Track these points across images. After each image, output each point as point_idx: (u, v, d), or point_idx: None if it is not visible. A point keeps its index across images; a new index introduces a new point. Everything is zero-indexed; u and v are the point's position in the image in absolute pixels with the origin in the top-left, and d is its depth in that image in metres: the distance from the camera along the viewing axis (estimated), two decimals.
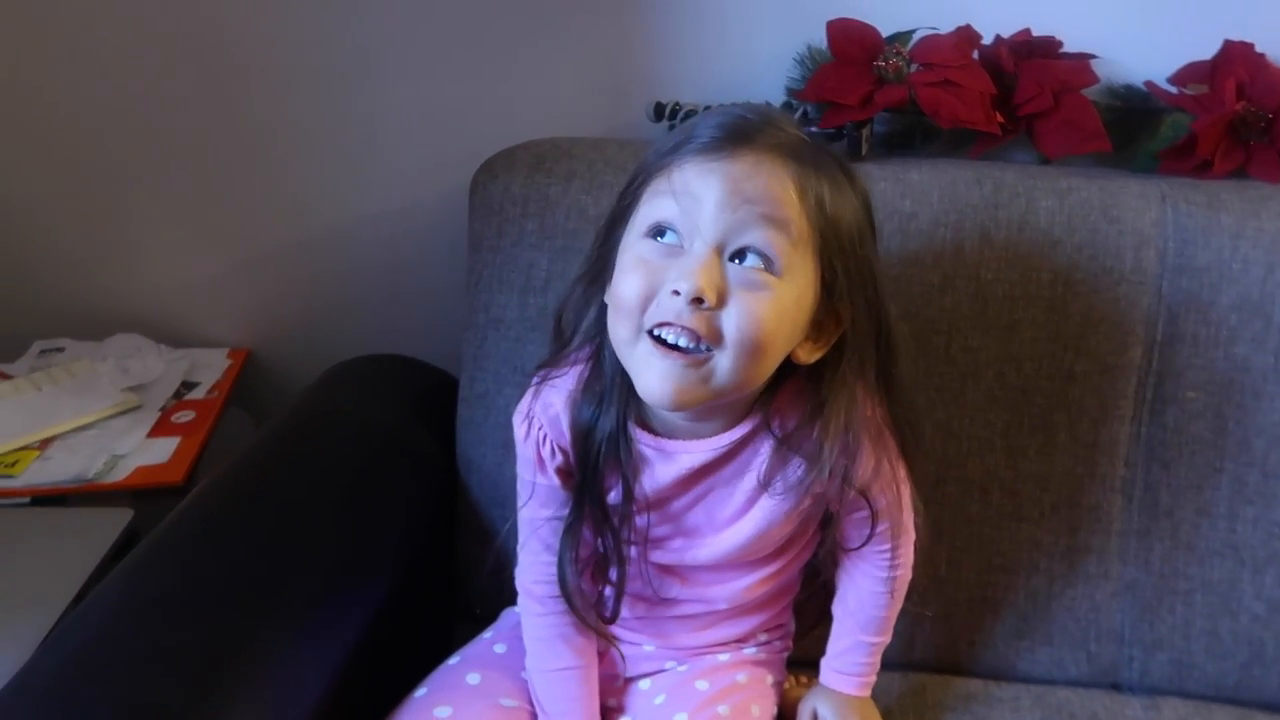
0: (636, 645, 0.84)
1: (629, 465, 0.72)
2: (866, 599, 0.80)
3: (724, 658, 0.83)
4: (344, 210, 1.16)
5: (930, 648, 0.95)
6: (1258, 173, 0.91)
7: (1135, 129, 0.96)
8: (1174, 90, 0.96)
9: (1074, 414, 0.90)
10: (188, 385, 1.16)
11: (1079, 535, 0.92)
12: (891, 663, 0.93)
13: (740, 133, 0.64)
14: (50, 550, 0.90)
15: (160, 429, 1.07)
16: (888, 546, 0.78)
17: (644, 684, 0.83)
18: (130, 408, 1.10)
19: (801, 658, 0.88)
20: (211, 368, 1.19)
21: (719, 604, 0.81)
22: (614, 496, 0.74)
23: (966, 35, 0.96)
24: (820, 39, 0.97)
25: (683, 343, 0.62)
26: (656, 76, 1.05)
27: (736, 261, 0.63)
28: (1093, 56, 0.96)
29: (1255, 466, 0.89)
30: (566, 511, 0.75)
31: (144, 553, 0.79)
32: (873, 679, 0.83)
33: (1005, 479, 0.91)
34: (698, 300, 0.61)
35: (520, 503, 0.79)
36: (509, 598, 0.91)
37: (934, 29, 0.97)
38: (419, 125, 1.10)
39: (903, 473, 0.75)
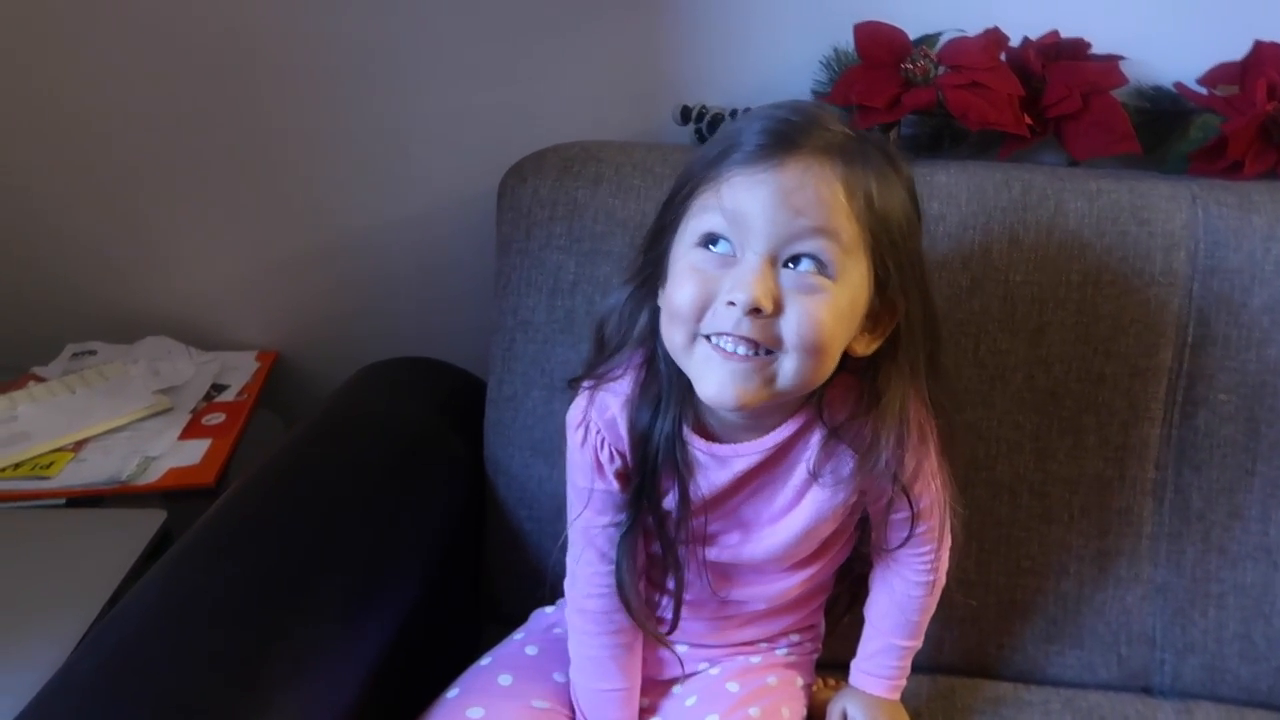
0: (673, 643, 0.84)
1: (685, 468, 0.73)
2: (902, 602, 0.80)
3: (755, 660, 0.83)
4: (372, 214, 1.17)
5: (959, 651, 0.94)
6: None
7: (1165, 130, 0.96)
8: (1204, 91, 0.95)
9: (1104, 416, 0.89)
10: (217, 388, 1.17)
11: (1109, 538, 0.91)
12: (920, 665, 0.92)
13: (786, 138, 0.63)
14: (86, 551, 0.91)
15: (191, 431, 1.09)
16: (927, 549, 0.78)
17: (676, 687, 0.84)
18: (162, 410, 1.11)
19: (830, 660, 0.88)
20: (240, 370, 1.20)
21: (759, 604, 0.81)
22: (669, 500, 0.74)
23: (994, 37, 0.96)
24: (847, 41, 0.97)
25: (741, 351, 0.63)
26: (683, 80, 1.05)
27: (790, 266, 0.63)
28: (1121, 58, 0.96)
29: None
30: (623, 517, 0.75)
31: (179, 553, 0.80)
32: (903, 682, 0.83)
33: (1034, 481, 0.91)
34: (755, 310, 0.62)
35: (573, 513, 0.78)
36: (537, 598, 0.92)
37: (961, 31, 0.97)
38: (448, 129, 1.11)
39: (945, 475, 0.75)
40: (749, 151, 0.63)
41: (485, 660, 0.85)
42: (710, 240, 0.65)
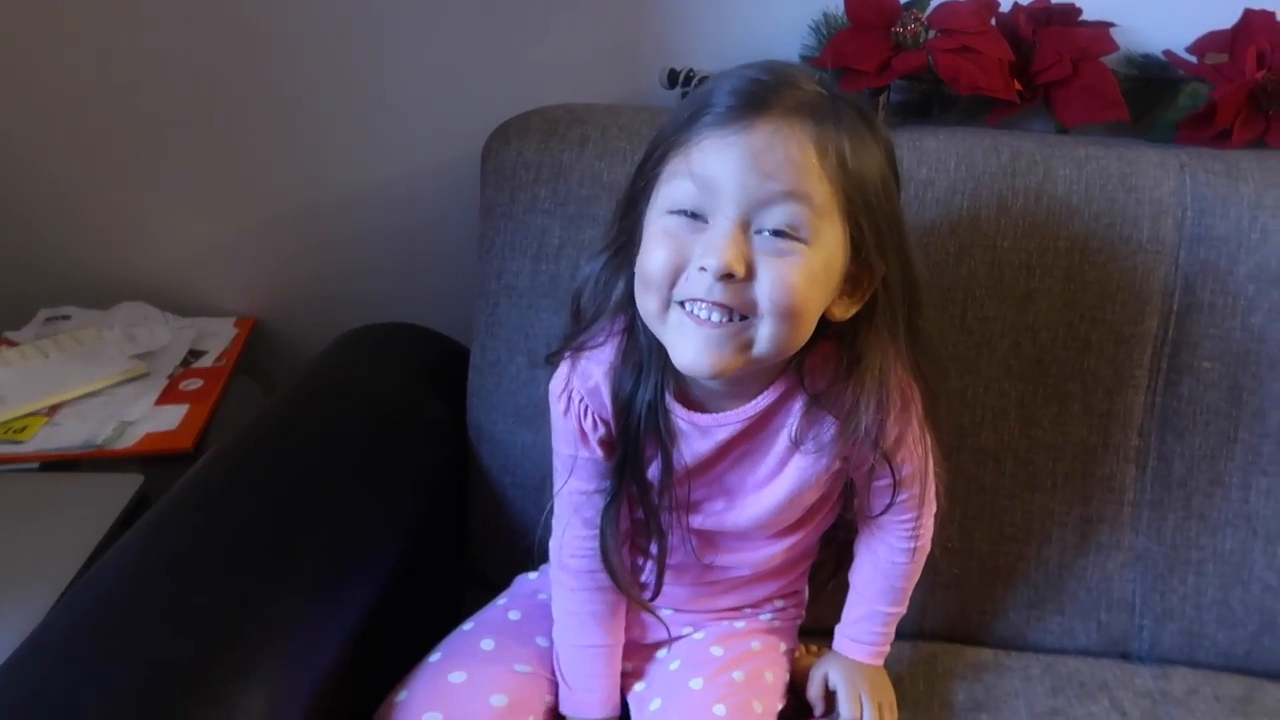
0: (658, 608, 0.84)
1: (668, 436, 0.72)
2: (886, 569, 0.80)
3: (739, 625, 0.84)
4: (353, 178, 1.15)
5: (941, 617, 0.95)
6: (1277, 142, 0.91)
7: (1154, 98, 0.95)
8: (1193, 59, 0.95)
9: (1088, 384, 0.90)
10: (195, 354, 1.15)
11: (1092, 505, 0.92)
12: (903, 632, 0.92)
13: (756, 99, 0.62)
14: (60, 516, 0.89)
15: (168, 396, 1.07)
16: (910, 516, 0.78)
17: (660, 652, 0.84)
18: (138, 375, 1.10)
19: (814, 626, 0.89)
20: (219, 336, 1.18)
21: (743, 570, 0.81)
22: (653, 469, 0.74)
23: (985, 2, 0.95)
24: (837, 5, 0.96)
25: (715, 317, 0.62)
26: (670, 43, 1.04)
27: (763, 232, 0.62)
28: (1112, 25, 0.95)
29: (1270, 437, 0.89)
30: (607, 484, 0.75)
31: (156, 516, 0.79)
32: (886, 649, 0.84)
33: (1019, 449, 0.91)
34: (727, 275, 0.61)
35: (558, 480, 0.78)
36: (520, 563, 0.91)
37: None
38: (431, 91, 1.09)
39: (929, 442, 0.75)
40: (718, 114, 0.62)
41: (467, 625, 0.84)
42: (683, 212, 0.63)
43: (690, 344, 0.63)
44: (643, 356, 0.72)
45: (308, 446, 0.89)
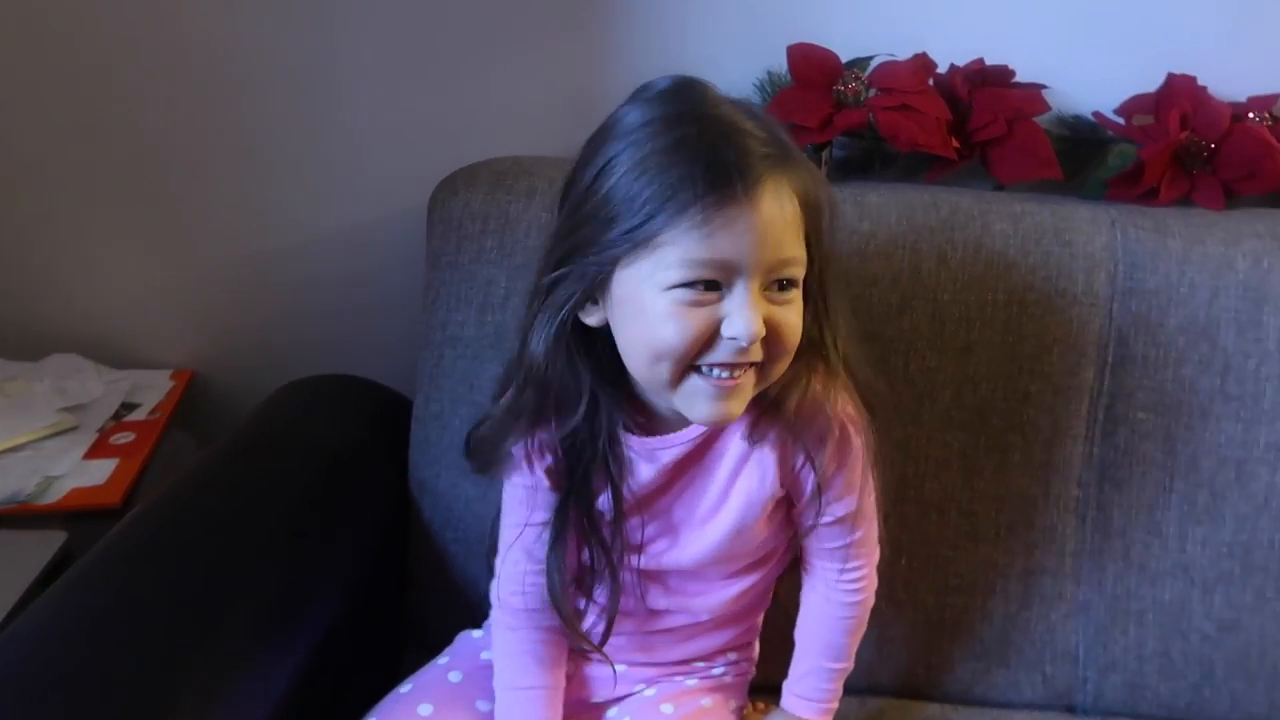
0: (605, 664, 0.82)
1: (616, 467, 0.71)
2: (830, 623, 0.80)
3: (691, 682, 0.82)
4: (297, 227, 1.13)
5: (889, 672, 0.94)
6: (1202, 200, 0.94)
7: (1085, 157, 0.98)
8: (1121, 121, 0.99)
9: (1029, 435, 0.91)
10: (128, 406, 1.12)
11: (1034, 556, 0.92)
12: (851, 687, 0.91)
13: (745, 170, 0.61)
14: None
15: (98, 450, 1.04)
16: (854, 565, 0.78)
17: (610, 711, 0.82)
18: (66, 428, 1.06)
19: (763, 682, 0.87)
20: (154, 389, 1.15)
21: (701, 615, 0.80)
22: (603, 501, 0.73)
23: (923, 63, 0.98)
24: (780, 64, 0.98)
25: (744, 377, 0.64)
26: (617, 97, 1.03)
27: (770, 288, 0.64)
28: (1044, 86, 0.98)
29: (1204, 487, 0.90)
30: (552, 517, 0.73)
31: (77, 575, 0.75)
32: (835, 705, 0.82)
33: (962, 499, 0.92)
34: (754, 342, 0.62)
35: (505, 516, 0.77)
36: (461, 621, 0.89)
37: (891, 55, 0.98)
38: (379, 141, 1.09)
39: (870, 483, 0.75)
40: (719, 196, 0.60)
41: (405, 687, 0.81)
42: (695, 283, 0.62)
43: (711, 404, 0.64)
44: (581, 401, 0.70)
45: (241, 501, 0.86)
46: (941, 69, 0.99)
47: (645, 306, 0.63)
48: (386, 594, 0.97)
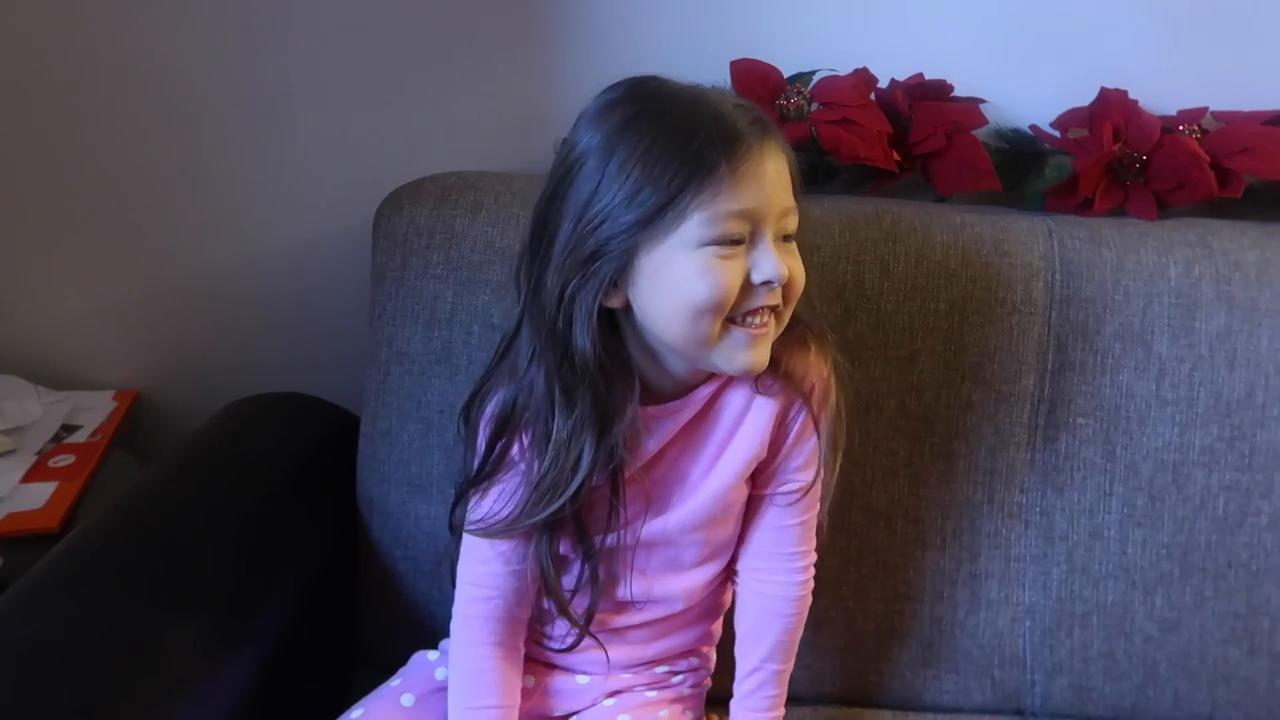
0: (569, 675, 0.83)
1: (625, 447, 0.72)
2: (779, 623, 0.80)
3: (651, 694, 0.82)
4: (242, 244, 1.12)
5: (838, 680, 0.95)
6: (1135, 210, 0.96)
7: (1022, 169, 1.01)
8: (1056, 134, 1.01)
9: (972, 442, 0.92)
10: (68, 428, 1.10)
11: (980, 561, 0.94)
12: (801, 697, 0.93)
13: (758, 126, 0.68)
14: None
15: (36, 474, 1.01)
16: (803, 550, 0.80)
17: None
18: (3, 452, 1.04)
19: (715, 694, 0.87)
20: (95, 410, 1.13)
21: (676, 603, 0.80)
22: (597, 479, 0.73)
23: (864, 78, 0.99)
24: (724, 78, 0.99)
25: (757, 321, 0.69)
26: (564, 114, 1.03)
27: (780, 238, 0.70)
28: (982, 100, 1.00)
29: (1143, 490, 0.92)
30: (539, 503, 0.73)
31: (10, 601, 0.74)
32: (782, 710, 0.83)
33: (909, 507, 0.93)
34: (775, 284, 0.68)
35: (473, 512, 0.76)
36: (411, 641, 0.88)
37: (833, 71, 1.00)
38: (323, 158, 1.08)
39: (831, 468, 0.78)
40: (743, 150, 0.66)
41: (357, 711, 0.80)
42: (731, 238, 0.67)
43: (749, 352, 0.69)
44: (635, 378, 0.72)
45: (184, 521, 0.85)
46: (882, 84, 1.00)
47: (678, 271, 0.67)
48: (336, 614, 0.96)
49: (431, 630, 0.90)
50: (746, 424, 0.76)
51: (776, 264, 0.67)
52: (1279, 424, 0.90)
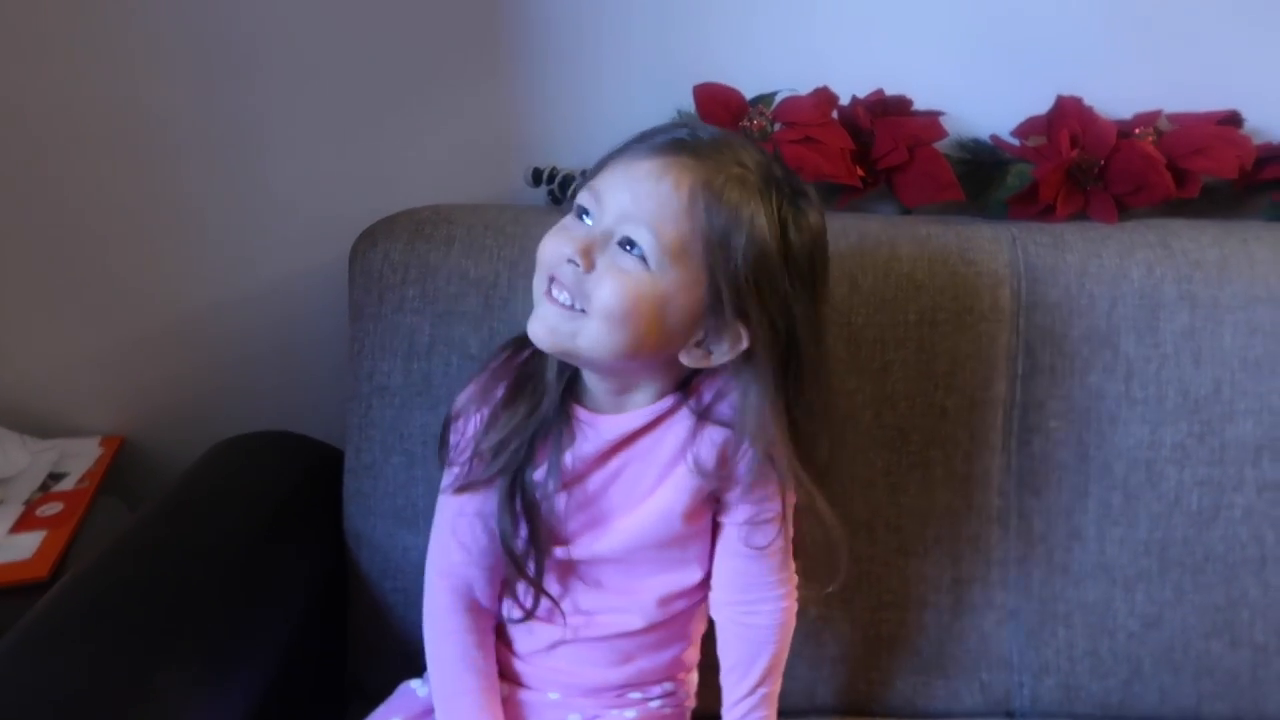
0: (541, 692, 0.83)
1: (561, 434, 0.77)
2: (767, 648, 0.81)
3: (630, 714, 0.82)
4: (220, 286, 1.13)
5: (831, 691, 0.96)
6: (1096, 214, 0.98)
7: (985, 179, 1.02)
8: (1016, 143, 1.03)
9: (948, 449, 0.93)
10: (55, 476, 1.10)
11: (962, 566, 0.95)
12: (795, 709, 0.93)
13: (665, 145, 0.70)
14: None
15: (24, 523, 1.02)
16: (786, 570, 0.80)
17: None
18: None
19: (703, 711, 0.88)
20: (82, 457, 1.13)
21: (634, 620, 0.81)
22: (540, 473, 0.77)
23: (825, 96, 1.01)
24: (689, 103, 1.01)
25: (561, 296, 0.70)
26: (533, 143, 1.07)
27: (624, 247, 0.69)
28: (941, 113, 1.02)
29: (1118, 489, 0.93)
30: (488, 506, 0.78)
31: (2, 650, 0.74)
32: None
33: (889, 516, 0.94)
34: (572, 262, 0.69)
35: (440, 513, 0.82)
36: (402, 672, 0.89)
37: (794, 91, 1.02)
38: (297, 197, 1.09)
39: (791, 498, 0.78)
40: (631, 146, 0.71)
41: None
42: (581, 212, 0.71)
43: (539, 316, 0.71)
44: (547, 376, 0.77)
45: (170, 564, 0.85)
46: (843, 101, 1.02)
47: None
48: (327, 648, 0.97)
49: (421, 659, 0.89)
50: (693, 449, 0.76)
51: (575, 241, 0.69)
52: (1246, 418, 0.92)
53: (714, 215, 0.68)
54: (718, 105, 1.00)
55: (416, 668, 0.88)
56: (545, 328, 0.71)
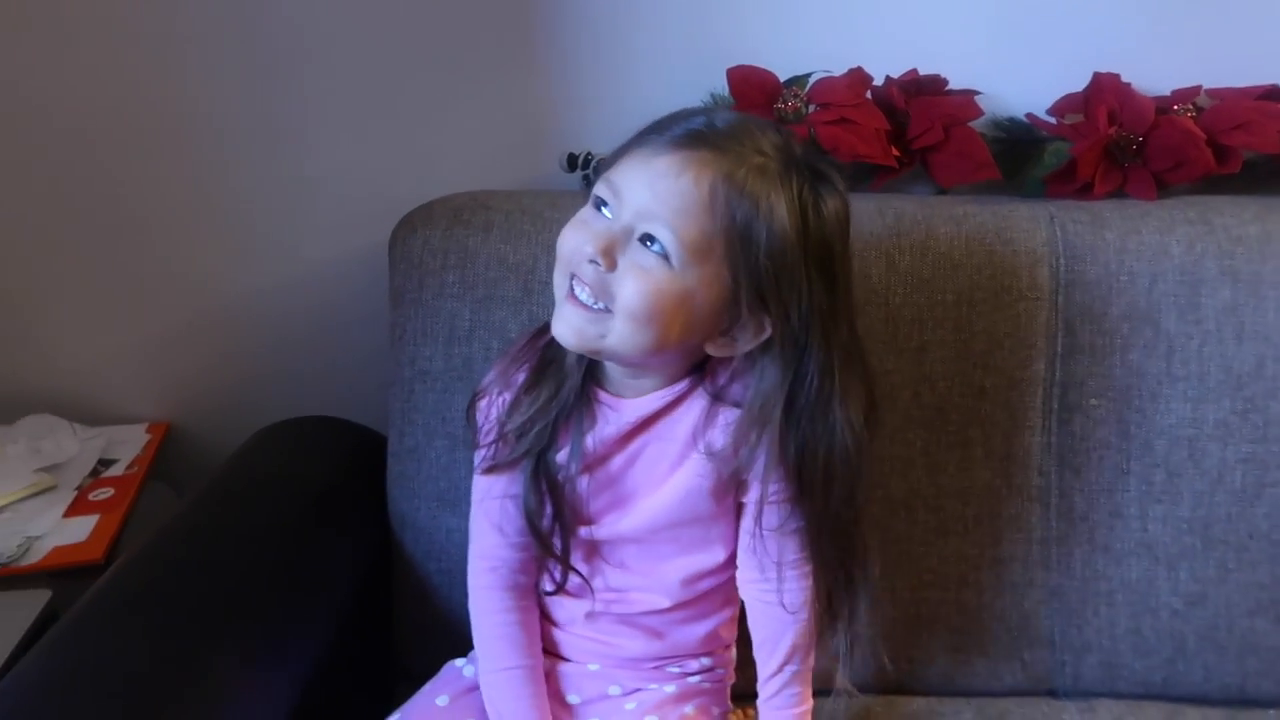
0: (581, 664, 0.84)
1: (583, 417, 0.78)
2: (787, 629, 0.81)
3: (670, 689, 0.83)
4: (262, 275, 1.15)
5: (871, 669, 0.95)
6: (1135, 191, 0.97)
7: (1021, 157, 1.02)
8: (1053, 120, 1.02)
9: (987, 428, 0.93)
10: (105, 463, 1.13)
11: (1002, 546, 0.95)
12: (835, 688, 0.94)
13: (682, 137, 0.69)
14: None
15: (77, 508, 1.04)
16: (800, 559, 0.80)
17: None
18: (44, 489, 1.07)
19: (745, 689, 0.89)
20: (130, 443, 1.16)
21: (661, 599, 0.82)
22: (563, 454, 0.78)
23: (859, 77, 1.01)
24: (723, 86, 1.02)
25: (584, 296, 0.70)
26: (568, 129, 1.08)
27: (645, 244, 0.69)
28: (977, 92, 1.02)
29: (1160, 467, 0.93)
30: (515, 488, 0.80)
31: (64, 629, 0.76)
32: (809, 705, 0.84)
33: (928, 495, 0.94)
34: (593, 261, 0.69)
35: (475, 496, 0.83)
36: (448, 651, 0.90)
37: (828, 72, 1.02)
38: (336, 186, 1.11)
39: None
40: (646, 140, 0.70)
41: (394, 718, 0.83)
42: (600, 203, 0.71)
43: (563, 318, 0.71)
44: (569, 360, 0.78)
45: (219, 547, 0.87)
46: (878, 81, 1.02)
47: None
48: (373, 628, 0.98)
49: (466, 639, 0.91)
50: (706, 430, 0.77)
51: (596, 239, 0.69)
52: None
53: (735, 210, 0.67)
54: (752, 88, 1.00)
55: (462, 648, 0.89)
56: (571, 329, 0.71)
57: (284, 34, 1.06)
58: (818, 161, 0.72)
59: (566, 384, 0.78)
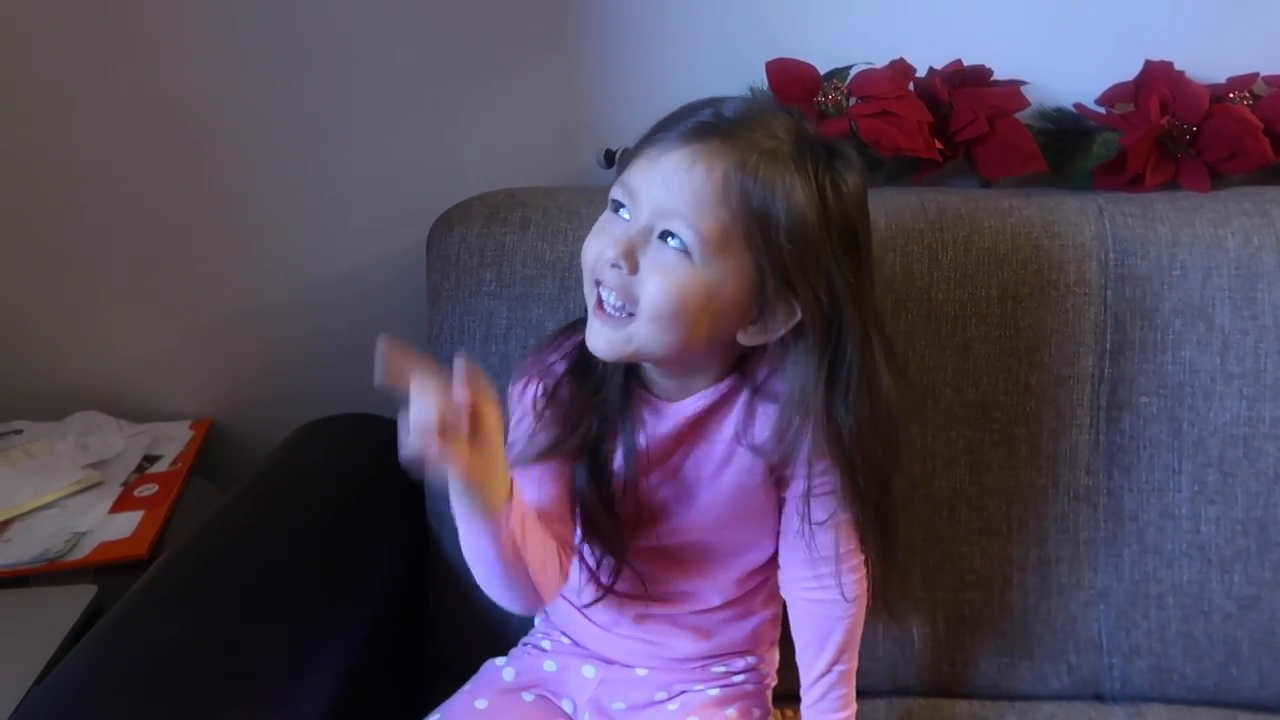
0: (629, 668, 0.84)
1: (631, 419, 0.77)
2: (835, 626, 0.80)
3: (713, 692, 0.83)
4: (301, 274, 1.16)
5: (914, 671, 0.95)
6: (1188, 183, 0.95)
7: (1069, 149, 0.99)
8: (1102, 110, 1.00)
9: (1033, 426, 0.91)
10: (150, 459, 1.14)
11: (1048, 546, 0.93)
12: (878, 690, 0.93)
13: (690, 130, 0.68)
14: (11, 632, 0.87)
15: (123, 504, 1.06)
16: (852, 549, 0.79)
17: None
18: (91, 484, 1.08)
19: (785, 691, 0.88)
20: (174, 440, 1.18)
21: (711, 596, 0.82)
22: (617, 460, 0.77)
23: (901, 68, 0.99)
24: (761, 79, 1.00)
25: (610, 299, 0.69)
26: (605, 125, 1.07)
27: (665, 241, 0.68)
28: (1022, 83, 1.00)
29: (1213, 466, 0.90)
30: (550, 477, 0.77)
31: (109, 624, 0.77)
32: (854, 708, 0.83)
33: (971, 495, 0.92)
34: (615, 265, 0.68)
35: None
36: (486, 650, 0.90)
37: (869, 64, 1.00)
38: (374, 185, 1.11)
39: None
40: (655, 138, 0.69)
41: (433, 718, 0.83)
42: (617, 206, 0.71)
43: (594, 331, 0.71)
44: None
45: (261, 544, 0.88)
46: (920, 73, 1.00)
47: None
48: (412, 625, 0.99)
49: (505, 637, 0.92)
50: (748, 426, 0.76)
51: (616, 242, 0.68)
52: None
53: (751, 198, 0.66)
54: (790, 81, 0.99)
55: (500, 646, 0.89)
56: (602, 340, 0.71)
57: (326, 35, 1.06)
58: (831, 140, 0.72)
59: (608, 382, 0.77)
